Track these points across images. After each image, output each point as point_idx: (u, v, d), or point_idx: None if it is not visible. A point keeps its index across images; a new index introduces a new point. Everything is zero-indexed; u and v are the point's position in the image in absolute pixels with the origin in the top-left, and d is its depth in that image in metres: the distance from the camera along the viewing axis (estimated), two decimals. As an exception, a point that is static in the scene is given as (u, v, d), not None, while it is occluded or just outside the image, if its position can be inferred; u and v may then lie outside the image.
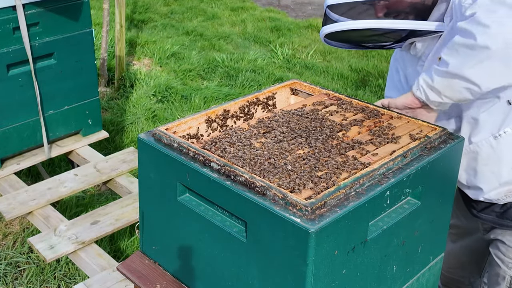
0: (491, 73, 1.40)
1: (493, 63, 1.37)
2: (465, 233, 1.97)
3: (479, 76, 1.40)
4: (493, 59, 1.36)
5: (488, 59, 1.36)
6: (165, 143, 1.46)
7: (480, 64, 1.38)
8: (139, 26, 6.32)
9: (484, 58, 1.37)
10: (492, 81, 1.42)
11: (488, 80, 1.41)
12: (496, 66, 1.37)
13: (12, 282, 2.73)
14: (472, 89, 1.43)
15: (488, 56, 1.36)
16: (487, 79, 1.41)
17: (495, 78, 1.41)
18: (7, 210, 2.69)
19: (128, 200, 2.86)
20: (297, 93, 1.88)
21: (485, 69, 1.39)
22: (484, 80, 1.41)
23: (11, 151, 2.96)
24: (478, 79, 1.41)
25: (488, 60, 1.37)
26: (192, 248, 1.49)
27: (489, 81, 1.42)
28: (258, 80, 5.14)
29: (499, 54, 1.34)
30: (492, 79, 1.41)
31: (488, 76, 1.41)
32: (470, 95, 1.46)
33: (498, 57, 1.35)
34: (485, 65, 1.38)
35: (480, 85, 1.42)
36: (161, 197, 1.52)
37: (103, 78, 4.73)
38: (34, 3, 2.77)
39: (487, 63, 1.37)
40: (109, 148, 3.84)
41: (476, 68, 1.39)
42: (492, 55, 1.35)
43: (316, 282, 1.23)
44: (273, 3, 7.94)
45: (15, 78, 2.82)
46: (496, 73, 1.39)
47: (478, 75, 1.40)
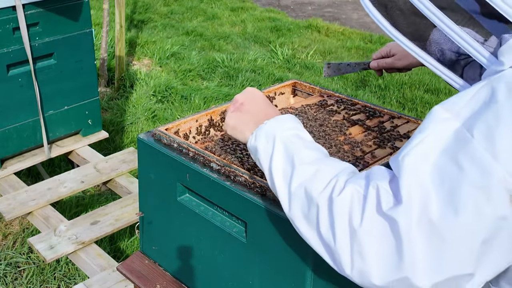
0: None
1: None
2: None
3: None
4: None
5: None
6: (165, 143, 1.46)
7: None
8: (139, 26, 6.32)
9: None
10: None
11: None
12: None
13: (12, 282, 2.73)
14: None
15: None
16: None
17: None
18: (7, 210, 2.69)
19: (128, 200, 2.85)
20: (297, 93, 1.88)
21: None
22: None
23: (11, 151, 2.96)
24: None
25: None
26: (192, 248, 1.48)
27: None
28: (258, 80, 5.14)
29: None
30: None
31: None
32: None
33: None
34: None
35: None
36: (161, 197, 1.52)
37: (103, 78, 4.73)
38: (34, 3, 2.77)
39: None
40: (109, 148, 3.84)
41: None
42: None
43: (316, 282, 1.23)
44: (273, 3, 7.94)
45: (15, 78, 2.82)
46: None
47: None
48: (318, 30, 6.65)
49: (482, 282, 0.91)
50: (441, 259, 0.87)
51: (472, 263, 0.87)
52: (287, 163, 1.05)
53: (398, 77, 5.24)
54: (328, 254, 0.99)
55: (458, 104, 0.90)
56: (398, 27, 1.06)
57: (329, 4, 8.07)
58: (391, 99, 4.91)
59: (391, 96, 4.96)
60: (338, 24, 7.01)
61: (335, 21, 7.20)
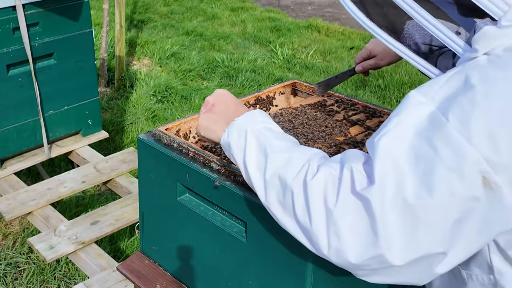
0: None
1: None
2: None
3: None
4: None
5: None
6: (165, 143, 1.46)
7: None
8: (139, 26, 6.32)
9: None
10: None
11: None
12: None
13: (12, 282, 2.73)
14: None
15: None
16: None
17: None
18: (7, 210, 2.69)
19: (128, 200, 2.85)
20: (297, 93, 1.88)
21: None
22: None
23: (11, 151, 2.96)
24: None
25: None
26: (192, 248, 1.48)
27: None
28: (258, 80, 5.14)
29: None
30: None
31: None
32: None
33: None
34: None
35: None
36: (161, 197, 1.52)
37: (103, 78, 4.73)
38: (34, 3, 2.77)
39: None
40: (109, 148, 3.84)
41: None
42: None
43: (316, 282, 1.23)
44: (273, 3, 7.94)
45: (15, 78, 2.82)
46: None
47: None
48: (318, 30, 6.65)
49: (454, 263, 0.93)
50: (415, 238, 0.89)
51: (445, 242, 0.89)
52: (260, 154, 1.07)
53: (398, 77, 5.24)
54: (306, 237, 1.00)
55: (433, 89, 0.92)
56: (374, 20, 1.08)
57: (329, 4, 8.07)
58: (391, 99, 4.91)
59: (391, 96, 4.96)
60: (338, 24, 7.01)
61: (335, 21, 7.20)
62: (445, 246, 0.90)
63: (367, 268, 0.95)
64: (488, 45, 0.92)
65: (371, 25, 1.08)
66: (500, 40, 0.91)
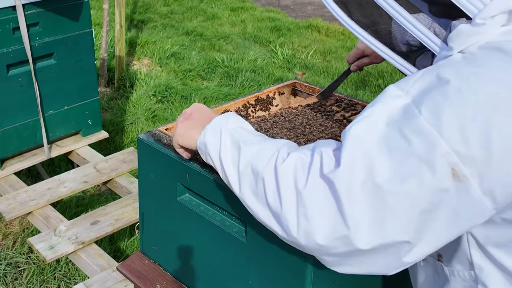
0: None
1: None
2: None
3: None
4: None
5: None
6: (165, 143, 1.46)
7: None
8: (139, 26, 6.32)
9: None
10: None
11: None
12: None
13: (12, 282, 2.73)
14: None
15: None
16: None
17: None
18: (7, 210, 2.69)
19: (128, 200, 2.85)
20: (297, 93, 1.88)
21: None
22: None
23: (11, 151, 2.96)
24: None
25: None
26: (192, 248, 1.48)
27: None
28: (258, 80, 5.14)
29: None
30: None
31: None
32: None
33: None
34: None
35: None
36: (161, 197, 1.52)
37: (103, 78, 4.73)
38: (34, 3, 2.77)
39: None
40: (109, 148, 3.84)
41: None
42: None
43: (316, 282, 1.23)
44: (273, 3, 7.94)
45: (15, 78, 2.82)
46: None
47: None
48: (318, 30, 6.65)
49: (423, 254, 0.94)
50: (382, 223, 0.91)
51: (411, 231, 0.91)
52: (234, 149, 1.11)
53: (398, 77, 5.24)
54: (277, 221, 1.02)
55: (408, 83, 0.94)
56: (355, 18, 1.10)
57: (329, 4, 8.05)
58: (391, 99, 4.91)
59: (391, 96, 4.95)
60: (338, 24, 7.01)
61: (335, 21, 7.20)
62: (411, 235, 0.91)
63: (334, 251, 0.96)
64: (462, 43, 0.94)
65: (350, 22, 1.10)
66: (474, 38, 0.93)
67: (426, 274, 1.19)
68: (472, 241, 1.04)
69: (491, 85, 0.86)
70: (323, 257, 1.00)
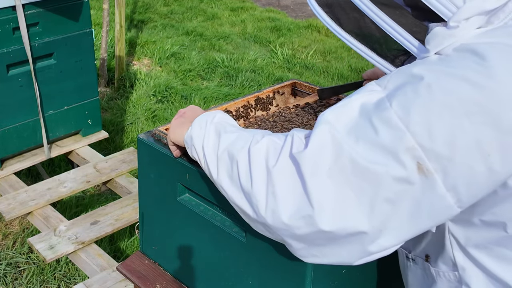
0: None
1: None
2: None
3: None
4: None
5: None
6: (164, 143, 1.46)
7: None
8: (139, 26, 6.32)
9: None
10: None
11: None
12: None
13: (12, 282, 2.73)
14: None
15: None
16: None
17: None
18: (7, 210, 2.69)
19: (128, 200, 2.85)
20: (297, 93, 1.88)
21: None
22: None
23: (11, 151, 2.96)
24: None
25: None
26: (192, 248, 1.48)
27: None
28: (258, 80, 5.14)
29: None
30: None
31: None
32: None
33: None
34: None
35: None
36: (161, 197, 1.52)
37: (103, 78, 4.73)
38: (34, 3, 2.76)
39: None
40: (109, 148, 3.84)
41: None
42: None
43: (316, 282, 1.23)
44: (273, 3, 7.94)
45: (15, 78, 2.82)
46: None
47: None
48: (318, 30, 6.65)
49: (387, 246, 0.96)
50: (345, 207, 0.93)
51: (373, 218, 0.93)
52: (216, 138, 1.15)
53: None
54: (248, 201, 1.05)
55: (386, 79, 0.97)
56: (338, 22, 1.13)
57: (329, 4, 8.05)
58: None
59: (391, 96, 4.95)
60: (338, 24, 7.00)
61: (335, 21, 7.19)
62: (374, 223, 0.93)
63: (298, 232, 0.98)
64: (437, 45, 0.96)
65: (332, 24, 1.13)
66: (449, 40, 0.95)
67: (415, 274, 1.22)
68: (454, 242, 1.06)
69: (461, 85, 0.88)
70: (289, 240, 1.02)
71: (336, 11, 1.14)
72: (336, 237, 0.95)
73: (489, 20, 0.95)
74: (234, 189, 1.08)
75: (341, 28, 1.13)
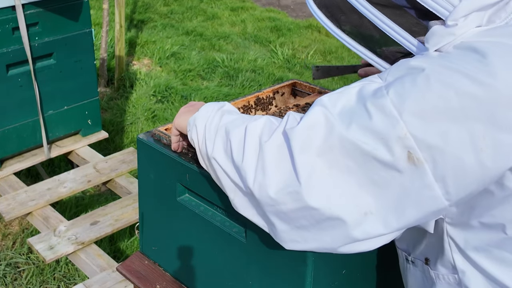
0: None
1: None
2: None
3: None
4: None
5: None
6: (164, 144, 1.46)
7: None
8: (138, 26, 6.32)
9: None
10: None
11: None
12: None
13: (11, 282, 2.73)
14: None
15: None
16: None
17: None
18: (6, 210, 2.69)
19: (128, 200, 2.85)
20: (297, 93, 1.88)
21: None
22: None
23: (10, 152, 2.96)
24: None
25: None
26: (192, 249, 1.48)
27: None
28: (258, 80, 5.13)
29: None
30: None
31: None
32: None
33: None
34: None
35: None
36: (160, 198, 1.51)
37: (103, 78, 4.73)
38: (34, 3, 2.76)
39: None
40: (108, 149, 3.84)
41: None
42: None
43: (316, 282, 1.23)
44: (273, 3, 7.94)
45: (14, 78, 2.81)
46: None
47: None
48: (318, 30, 6.65)
49: (373, 233, 0.96)
50: (331, 187, 0.94)
51: (360, 200, 0.94)
52: (219, 119, 1.17)
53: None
54: (238, 174, 1.07)
55: (386, 72, 0.98)
56: (336, 23, 1.15)
57: (329, 4, 8.05)
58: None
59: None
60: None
61: (335, 21, 7.19)
62: (360, 205, 0.94)
63: (283, 208, 0.99)
64: (437, 43, 0.97)
65: (330, 24, 1.14)
66: (448, 38, 0.95)
67: (415, 277, 1.22)
68: (453, 245, 1.06)
69: (460, 79, 0.88)
70: (273, 218, 1.03)
71: (334, 12, 1.14)
72: (320, 217, 0.96)
73: (490, 19, 0.95)
74: (227, 162, 1.10)
75: (339, 28, 1.13)
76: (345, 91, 0.99)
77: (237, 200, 1.12)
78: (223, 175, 1.12)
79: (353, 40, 1.13)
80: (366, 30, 1.12)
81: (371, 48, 1.13)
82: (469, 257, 1.04)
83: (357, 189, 0.93)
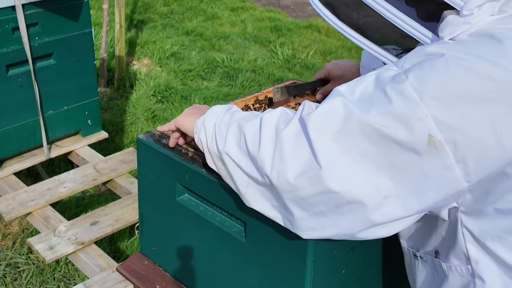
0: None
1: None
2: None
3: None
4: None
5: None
6: (164, 144, 1.46)
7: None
8: (138, 26, 6.32)
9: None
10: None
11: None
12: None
13: (11, 283, 2.73)
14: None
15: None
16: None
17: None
18: (6, 210, 2.69)
19: (128, 200, 2.85)
20: (297, 93, 1.88)
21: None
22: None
23: (10, 152, 2.96)
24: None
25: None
26: (192, 249, 1.48)
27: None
28: (258, 80, 5.13)
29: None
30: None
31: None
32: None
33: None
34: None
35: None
36: (160, 198, 1.51)
37: (103, 78, 4.73)
38: (34, 3, 2.76)
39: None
40: (108, 149, 3.84)
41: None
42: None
43: (315, 282, 1.23)
44: (273, 3, 7.94)
45: (14, 78, 2.81)
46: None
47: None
48: (318, 30, 6.65)
49: (393, 216, 0.96)
50: (351, 171, 0.95)
51: (378, 183, 0.94)
52: (229, 117, 1.17)
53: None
54: (253, 165, 1.07)
55: (402, 60, 0.99)
56: (342, 19, 1.15)
57: (329, 4, 8.04)
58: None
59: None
60: (338, 24, 6.99)
61: (335, 21, 7.18)
62: (379, 188, 0.94)
63: (302, 193, 0.99)
64: (451, 32, 0.98)
65: (340, 24, 1.14)
66: (463, 27, 0.97)
67: (425, 273, 1.21)
68: (468, 235, 1.06)
69: (479, 62, 0.90)
70: (291, 205, 1.03)
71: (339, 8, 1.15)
72: (340, 201, 0.96)
73: (501, 9, 0.98)
74: (242, 156, 1.09)
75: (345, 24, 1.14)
76: (361, 80, 0.99)
77: (249, 194, 1.11)
78: (236, 169, 1.12)
79: (361, 35, 1.13)
80: (376, 24, 1.12)
81: (378, 42, 1.13)
82: (484, 245, 1.04)
83: (377, 173, 0.94)
